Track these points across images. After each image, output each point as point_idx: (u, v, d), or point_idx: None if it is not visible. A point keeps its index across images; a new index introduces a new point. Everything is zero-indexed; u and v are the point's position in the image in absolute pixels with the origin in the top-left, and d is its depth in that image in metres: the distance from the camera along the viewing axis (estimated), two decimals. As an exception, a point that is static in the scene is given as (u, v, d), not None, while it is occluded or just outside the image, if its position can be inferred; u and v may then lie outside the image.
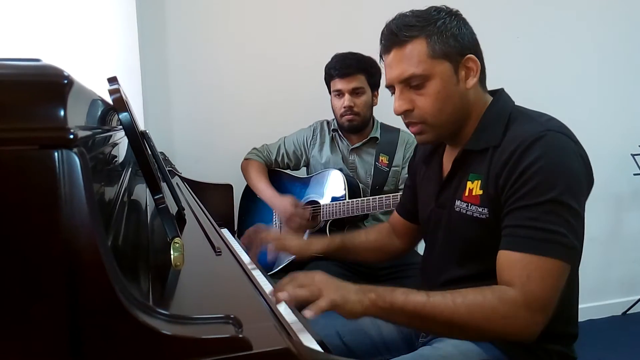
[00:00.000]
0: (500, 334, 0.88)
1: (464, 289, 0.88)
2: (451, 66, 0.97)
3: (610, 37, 2.60)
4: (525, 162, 0.89)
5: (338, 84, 1.83)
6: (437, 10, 0.99)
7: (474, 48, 1.00)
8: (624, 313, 2.78)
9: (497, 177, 0.93)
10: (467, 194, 1.00)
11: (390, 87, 1.02)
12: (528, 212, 0.88)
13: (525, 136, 0.91)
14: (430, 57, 0.96)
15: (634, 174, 2.53)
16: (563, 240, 0.86)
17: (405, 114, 1.01)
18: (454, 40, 0.96)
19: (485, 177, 0.96)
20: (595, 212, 2.64)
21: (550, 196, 0.87)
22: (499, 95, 1.04)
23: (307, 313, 0.80)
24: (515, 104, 1.04)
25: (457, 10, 1.01)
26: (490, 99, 1.04)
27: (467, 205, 0.99)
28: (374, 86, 1.87)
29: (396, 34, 0.98)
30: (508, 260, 0.89)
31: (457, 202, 1.02)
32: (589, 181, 0.95)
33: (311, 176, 1.97)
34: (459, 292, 0.87)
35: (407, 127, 1.04)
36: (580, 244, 0.90)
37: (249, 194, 2.02)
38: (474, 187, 0.98)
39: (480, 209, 0.97)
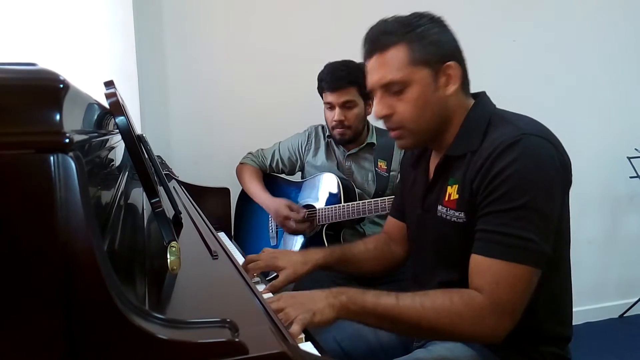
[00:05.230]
0: (466, 337, 0.91)
1: (433, 291, 0.91)
2: (431, 73, 0.97)
3: (606, 40, 2.61)
4: (498, 167, 0.89)
5: (329, 97, 1.81)
6: (418, 16, 0.99)
7: (455, 55, 0.99)
8: (621, 315, 2.79)
9: (471, 182, 0.94)
10: (446, 198, 1.00)
11: (372, 91, 1.03)
12: (499, 217, 0.89)
13: (500, 141, 0.91)
14: (410, 63, 0.96)
15: (630, 177, 2.53)
16: (533, 246, 0.87)
17: (385, 118, 1.02)
18: (434, 47, 0.96)
19: (461, 182, 0.97)
20: (592, 214, 2.65)
21: (521, 202, 0.87)
22: (480, 99, 1.04)
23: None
24: (497, 107, 1.03)
25: (440, 17, 1.01)
26: (472, 103, 1.03)
27: (447, 210, 1.00)
28: (367, 96, 1.83)
29: (378, 39, 0.98)
30: (479, 265, 0.90)
31: (439, 207, 1.02)
32: (565, 183, 0.95)
33: (306, 180, 1.96)
34: (428, 295, 0.90)
35: (388, 131, 1.04)
36: (552, 247, 0.90)
37: (245, 196, 2.01)
38: (452, 191, 0.99)
39: (457, 214, 0.97)
